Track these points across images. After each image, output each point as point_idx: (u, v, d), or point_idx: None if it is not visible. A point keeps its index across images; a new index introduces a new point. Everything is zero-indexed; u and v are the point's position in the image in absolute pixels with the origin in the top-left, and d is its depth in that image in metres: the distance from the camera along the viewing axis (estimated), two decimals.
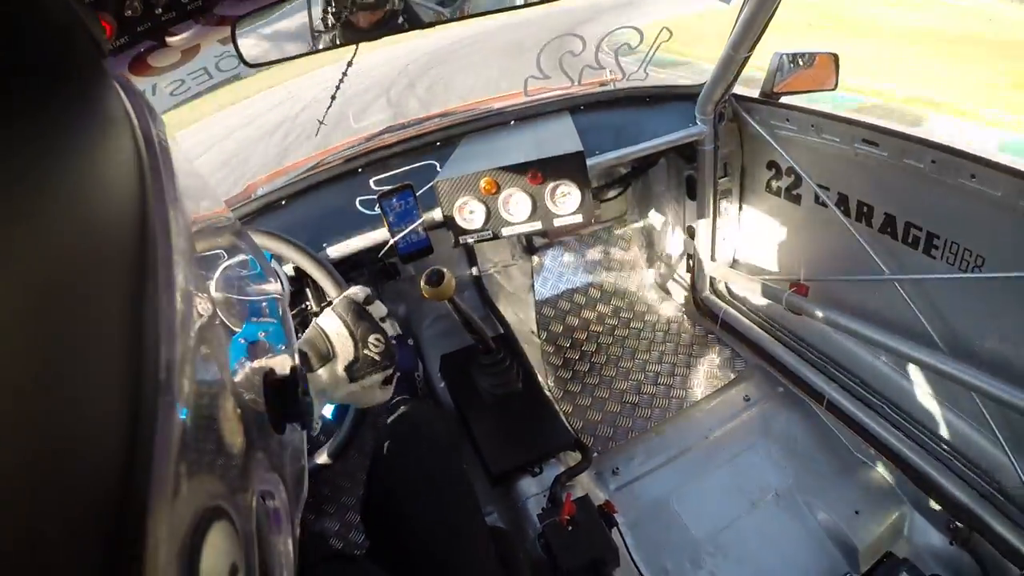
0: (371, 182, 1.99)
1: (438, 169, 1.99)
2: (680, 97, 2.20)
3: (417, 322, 2.47)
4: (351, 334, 1.06)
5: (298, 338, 1.16)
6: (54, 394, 0.26)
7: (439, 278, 1.64)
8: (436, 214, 1.79)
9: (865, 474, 1.90)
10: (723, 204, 2.28)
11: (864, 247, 1.70)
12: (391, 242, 1.74)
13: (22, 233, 0.27)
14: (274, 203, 2.02)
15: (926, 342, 1.58)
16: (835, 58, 1.89)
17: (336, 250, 1.76)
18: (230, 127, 10.02)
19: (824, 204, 1.83)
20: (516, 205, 1.74)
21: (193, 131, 9.87)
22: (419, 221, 1.73)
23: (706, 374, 2.42)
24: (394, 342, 1.27)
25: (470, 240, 1.80)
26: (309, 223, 1.91)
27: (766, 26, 1.67)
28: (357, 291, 1.13)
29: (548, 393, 2.13)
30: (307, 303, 1.79)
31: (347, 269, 1.92)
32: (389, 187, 1.72)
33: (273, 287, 0.70)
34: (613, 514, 1.72)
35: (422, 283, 1.65)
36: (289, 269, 1.66)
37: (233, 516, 0.37)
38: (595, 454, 2.05)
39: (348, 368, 1.04)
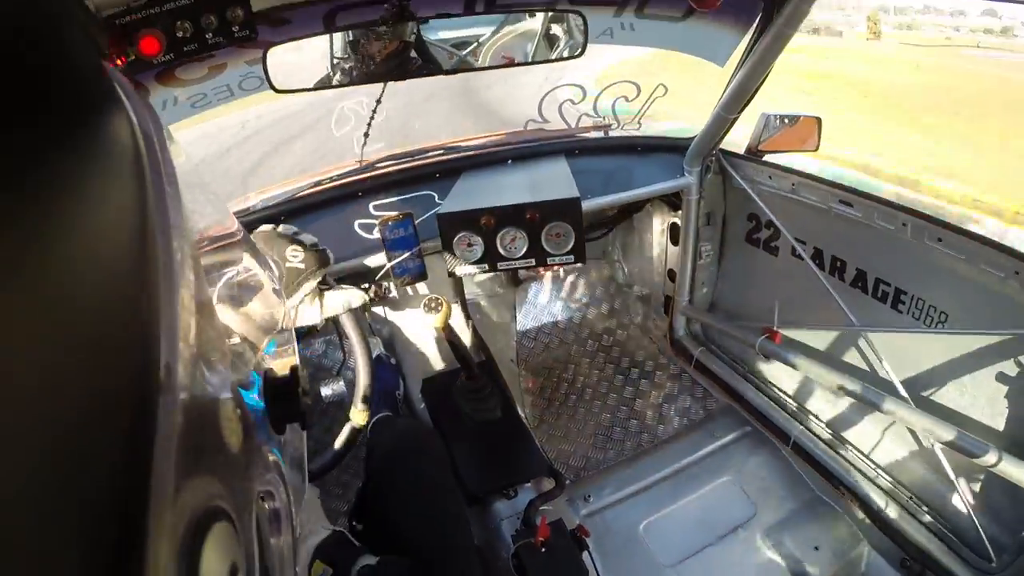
0: (371, 207, 2.09)
1: (437, 200, 2.10)
2: (669, 149, 2.35)
3: (401, 344, 2.54)
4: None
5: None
6: (55, 395, 0.27)
7: (437, 306, 1.76)
8: (434, 243, 1.89)
9: (826, 512, 2.00)
10: (703, 251, 2.43)
11: (836, 299, 1.83)
12: (388, 266, 1.82)
13: (22, 236, 0.27)
14: (272, 218, 2.08)
15: (889, 390, 1.70)
16: (818, 121, 2.05)
17: (335, 269, 1.80)
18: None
19: (800, 257, 1.97)
20: (514, 242, 1.87)
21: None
22: (417, 248, 1.83)
23: (678, 411, 2.53)
24: (379, 355, 1.37)
25: (468, 272, 1.91)
26: None
27: (756, 91, 1.83)
28: (266, 227, 1.21)
29: (525, 421, 2.22)
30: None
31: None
32: (391, 213, 1.82)
33: (273, 288, 0.71)
34: (585, 538, 1.80)
35: (422, 307, 1.77)
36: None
37: (233, 516, 0.38)
38: (568, 481, 2.13)
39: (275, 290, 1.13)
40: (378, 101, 1.94)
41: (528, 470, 2.02)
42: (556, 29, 1.90)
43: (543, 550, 1.71)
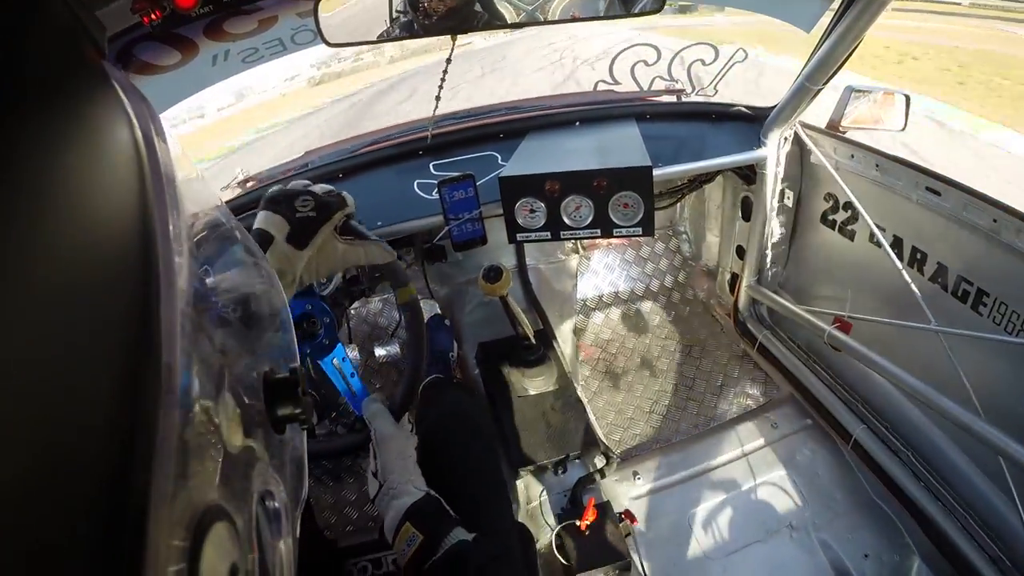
0: (431, 166, 2.12)
1: (500, 161, 2.11)
2: (745, 117, 2.31)
3: (459, 307, 2.59)
4: (276, 211, 1.16)
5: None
6: (55, 395, 0.28)
7: (497, 275, 1.78)
8: (495, 206, 1.89)
9: (881, 519, 1.99)
10: (775, 229, 2.39)
11: (913, 293, 1.77)
12: (446, 229, 1.85)
13: (23, 237, 0.28)
14: (331, 174, 2.15)
15: (961, 398, 1.62)
16: (906, 99, 1.98)
17: (390, 229, 1.87)
18: None
19: (878, 244, 1.91)
20: (579, 210, 1.84)
21: None
22: (477, 211, 1.85)
23: (737, 395, 2.55)
24: (436, 318, 1.41)
25: (529, 239, 1.91)
26: (366, 199, 1.98)
27: (844, 61, 1.76)
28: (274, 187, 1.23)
29: (579, 394, 2.23)
30: (363, 287, 1.94)
31: (395, 246, 2.03)
32: (451, 174, 1.84)
33: (274, 286, 0.73)
34: (632, 524, 1.84)
35: (479, 277, 1.79)
36: None
37: (233, 517, 0.39)
38: (618, 460, 2.16)
39: (289, 239, 1.14)
40: (448, 60, 1.92)
41: (579, 445, 2.04)
42: None
43: (587, 533, 1.76)
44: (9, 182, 0.29)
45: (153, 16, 1.34)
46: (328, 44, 1.65)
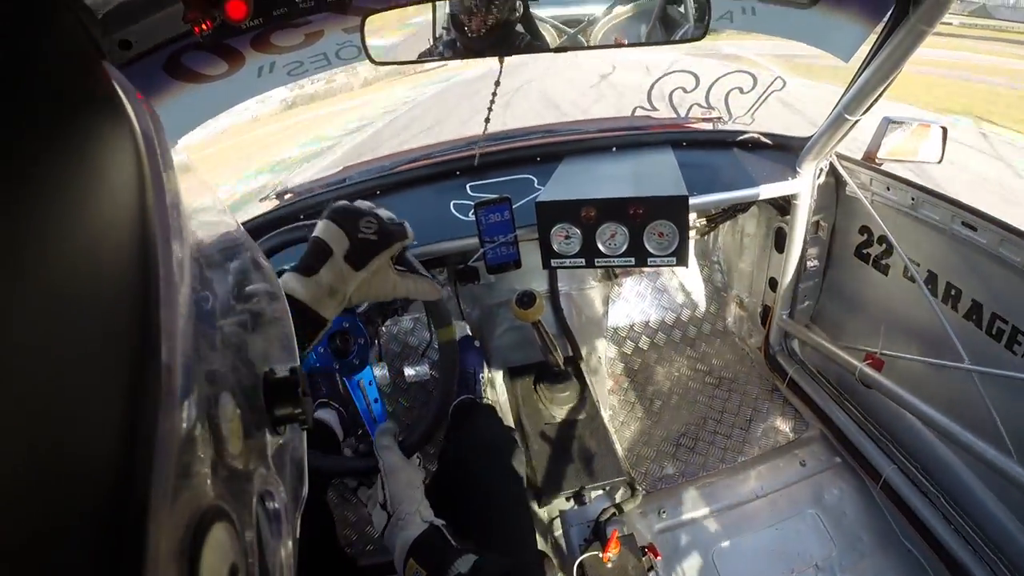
0: (468, 187, 2.17)
1: (536, 184, 2.14)
2: (781, 147, 2.34)
3: (488, 329, 2.61)
4: (340, 227, 1.16)
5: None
6: (55, 395, 0.28)
7: (531, 301, 1.79)
8: (530, 230, 1.91)
9: (908, 562, 1.96)
10: (809, 262, 2.39)
11: (947, 330, 1.75)
12: (481, 251, 1.88)
13: (22, 237, 0.28)
14: (369, 191, 2.21)
15: (994, 440, 1.61)
16: (943, 131, 1.98)
17: (425, 250, 1.89)
18: None
19: (912, 279, 1.91)
20: (613, 238, 1.85)
21: None
22: (512, 235, 1.87)
23: (766, 431, 2.53)
24: (465, 337, 1.44)
25: (564, 265, 1.91)
26: (401, 217, 2.05)
27: (883, 91, 1.76)
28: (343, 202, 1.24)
29: (606, 423, 2.23)
30: (396, 306, 1.95)
31: (428, 266, 2.01)
32: (488, 197, 1.87)
33: (275, 287, 0.73)
34: (656, 558, 1.83)
35: (513, 303, 1.81)
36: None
37: (233, 517, 0.39)
38: (644, 493, 2.16)
39: (347, 257, 1.15)
40: (497, 83, 1.95)
41: (605, 476, 2.04)
42: (673, 10, 1.88)
43: (609, 565, 1.75)
44: (7, 183, 0.28)
45: (204, 26, 1.38)
46: (373, 62, 1.70)
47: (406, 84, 16.52)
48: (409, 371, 2.25)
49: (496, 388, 2.48)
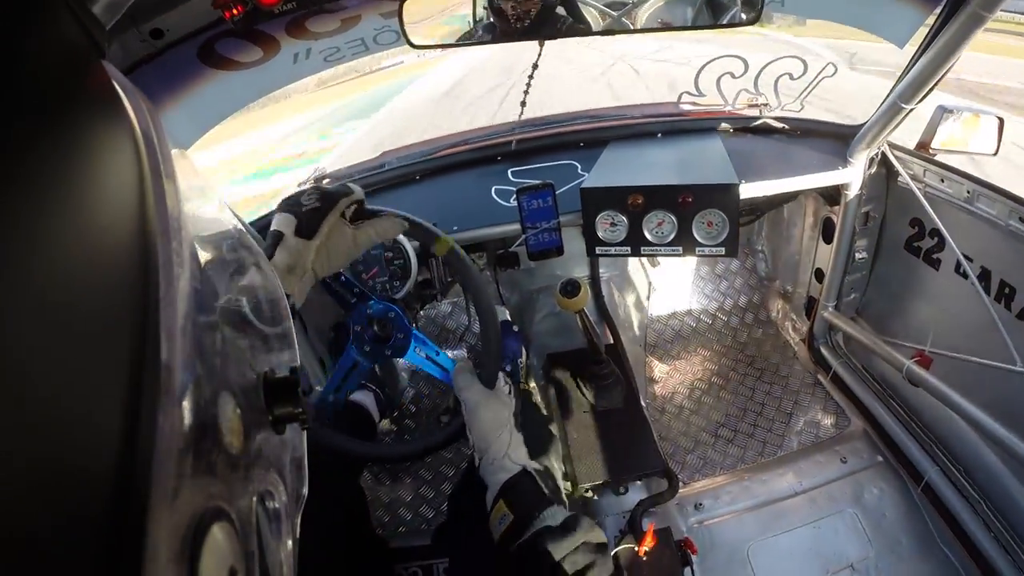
0: (509, 173, 2.18)
1: (579, 171, 2.14)
2: (831, 135, 2.30)
3: (528, 315, 2.62)
4: (285, 210, 1.23)
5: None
6: (56, 395, 0.28)
7: (575, 289, 1.79)
8: (572, 217, 1.92)
9: (945, 568, 1.94)
10: (857, 254, 2.36)
11: (1000, 330, 1.73)
12: (523, 237, 1.89)
13: (22, 238, 0.28)
14: (409, 176, 2.23)
15: None
16: (1000, 121, 1.94)
17: (466, 235, 1.91)
18: None
19: (965, 275, 1.88)
20: (661, 226, 1.85)
21: None
22: (555, 221, 1.87)
23: (807, 425, 2.51)
24: (505, 322, 1.45)
25: (608, 253, 1.91)
26: (442, 203, 2.08)
27: (940, 79, 1.72)
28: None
29: (645, 412, 2.22)
30: (435, 291, 1.98)
31: (468, 250, 2.02)
32: (530, 182, 1.87)
33: (276, 286, 0.74)
34: (692, 553, 1.82)
35: (557, 291, 1.83)
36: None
37: (233, 517, 0.40)
38: (681, 484, 2.16)
39: (298, 232, 1.21)
40: (534, 65, 1.95)
41: (642, 467, 2.02)
42: None
43: (644, 558, 1.75)
44: (7, 184, 0.29)
45: (235, 11, 1.41)
46: (412, 45, 1.71)
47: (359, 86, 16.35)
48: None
49: (535, 374, 2.48)
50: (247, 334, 0.58)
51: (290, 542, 0.57)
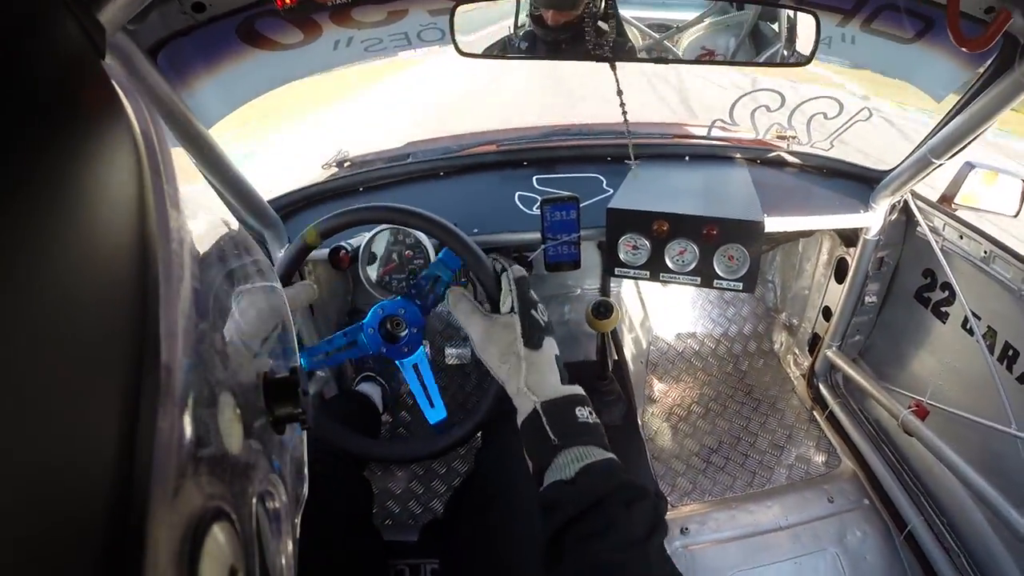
0: (534, 180, 2.22)
1: (604, 186, 2.19)
2: (855, 176, 2.36)
3: None
4: None
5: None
6: (54, 396, 0.28)
7: (607, 311, 1.80)
8: (592, 232, 1.95)
9: None
10: (867, 296, 2.42)
11: (999, 391, 1.77)
12: (542, 248, 1.91)
13: (16, 238, 0.29)
14: (433, 171, 2.28)
15: None
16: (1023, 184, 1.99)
17: (486, 239, 1.95)
18: None
19: (971, 332, 1.94)
20: (682, 255, 1.87)
21: None
22: (576, 235, 1.90)
23: (798, 460, 2.58)
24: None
25: (627, 275, 1.94)
26: (464, 203, 2.13)
27: (974, 139, 1.74)
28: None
29: (641, 431, 2.29)
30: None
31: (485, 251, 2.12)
32: (556, 193, 1.90)
33: (276, 287, 0.75)
34: None
35: (589, 312, 1.84)
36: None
37: (233, 517, 0.40)
38: (669, 507, 2.22)
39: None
40: (619, 92, 1.94)
41: None
42: (766, 27, 1.86)
43: None
44: (6, 186, 0.29)
45: (287, 0, 1.43)
46: (461, 53, 1.71)
47: None
48: (450, 351, 2.32)
49: None
50: (247, 334, 0.59)
51: (290, 542, 0.57)
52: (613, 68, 1.81)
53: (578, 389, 1.14)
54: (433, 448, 1.65)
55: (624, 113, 1.94)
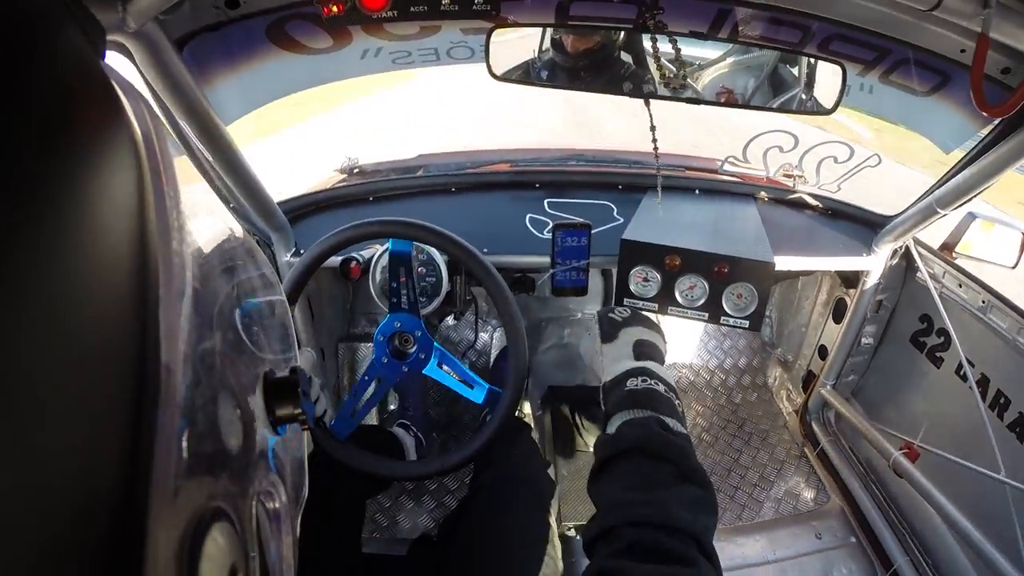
0: (545, 203, 2.28)
1: (615, 214, 2.25)
2: (859, 220, 2.45)
3: (533, 342, 2.69)
4: None
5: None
6: (54, 396, 0.29)
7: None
8: (601, 260, 2.00)
9: None
10: (864, 338, 2.50)
11: (990, 438, 1.83)
12: (551, 272, 1.96)
13: (15, 240, 0.29)
14: (444, 186, 2.33)
15: (1014, 557, 1.70)
16: (1023, 236, 2.09)
17: (496, 259, 1.91)
18: None
19: (964, 378, 2.00)
20: (692, 290, 1.92)
21: None
22: (586, 262, 1.95)
23: (787, 495, 2.64)
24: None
25: (636, 306, 1.95)
26: (475, 221, 2.18)
27: (980, 192, 1.80)
28: None
29: None
30: (454, 309, 2.06)
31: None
32: (568, 219, 1.98)
33: (275, 287, 0.76)
34: None
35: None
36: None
37: (233, 517, 0.41)
38: None
39: None
40: (652, 127, 1.95)
41: None
42: (785, 71, 1.89)
43: None
44: (5, 188, 0.29)
45: (335, 8, 1.41)
46: (495, 76, 1.72)
47: None
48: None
49: (532, 403, 2.58)
50: (247, 334, 0.59)
51: (290, 542, 0.58)
52: (647, 104, 1.84)
53: (641, 363, 1.39)
54: (443, 466, 1.70)
55: (656, 148, 1.99)
